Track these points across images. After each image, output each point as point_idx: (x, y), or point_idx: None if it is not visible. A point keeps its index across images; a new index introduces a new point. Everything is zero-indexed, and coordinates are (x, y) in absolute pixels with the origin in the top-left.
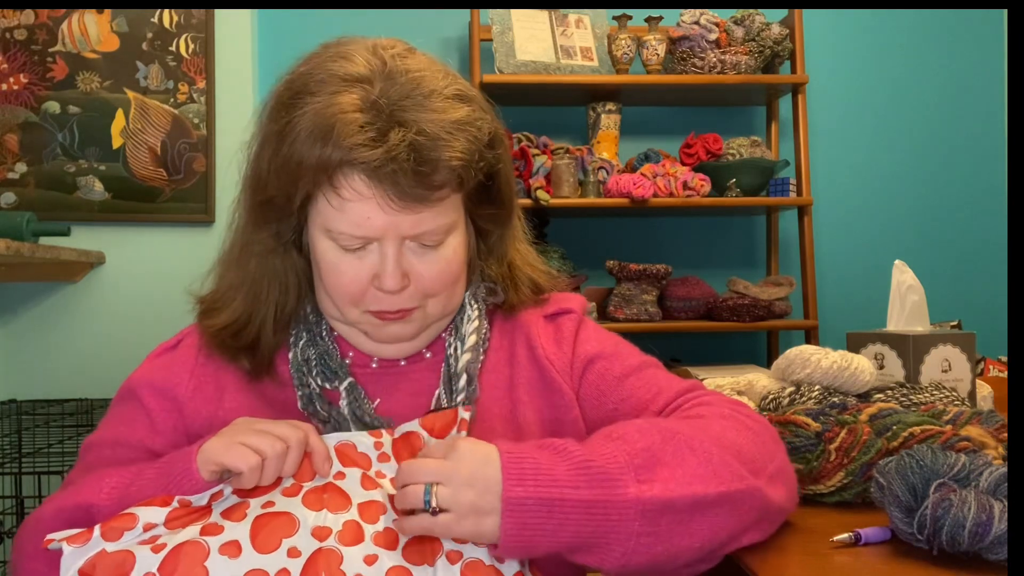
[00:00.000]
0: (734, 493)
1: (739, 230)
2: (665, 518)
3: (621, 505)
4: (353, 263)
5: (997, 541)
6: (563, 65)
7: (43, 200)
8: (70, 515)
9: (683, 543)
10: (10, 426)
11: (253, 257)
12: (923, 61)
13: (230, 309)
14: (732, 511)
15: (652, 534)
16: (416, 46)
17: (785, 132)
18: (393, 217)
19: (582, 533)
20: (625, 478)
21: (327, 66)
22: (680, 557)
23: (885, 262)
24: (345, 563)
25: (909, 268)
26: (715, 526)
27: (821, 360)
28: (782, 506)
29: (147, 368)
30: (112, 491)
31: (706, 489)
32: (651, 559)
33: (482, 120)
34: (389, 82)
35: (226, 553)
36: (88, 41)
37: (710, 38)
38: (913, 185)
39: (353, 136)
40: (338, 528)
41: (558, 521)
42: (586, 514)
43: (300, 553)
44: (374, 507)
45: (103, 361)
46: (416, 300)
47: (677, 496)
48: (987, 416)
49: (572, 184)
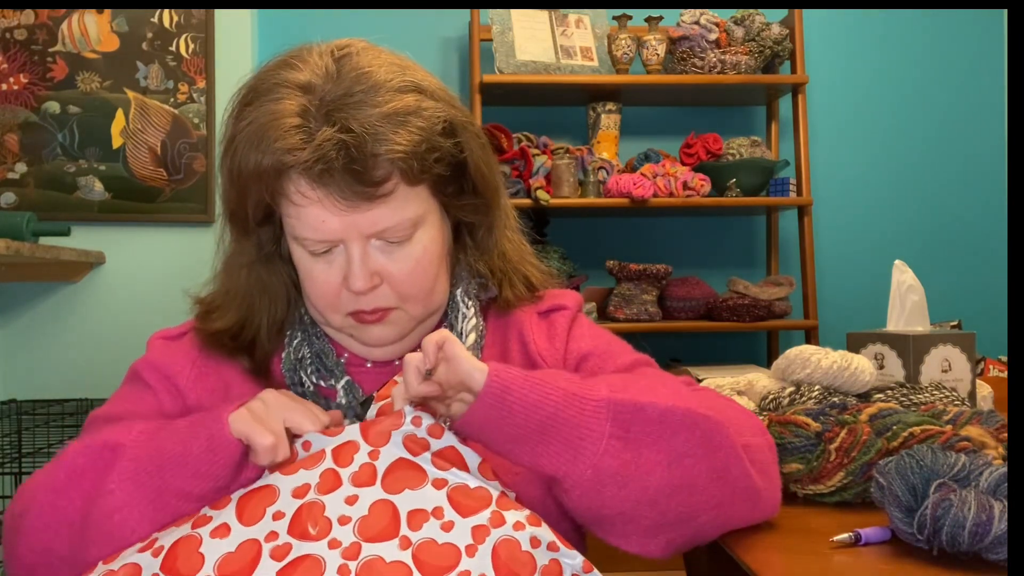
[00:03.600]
0: (701, 418)
1: (739, 230)
2: (635, 426)
3: (594, 402)
4: (324, 268)
5: (997, 541)
6: (563, 65)
7: (43, 200)
8: (96, 453)
9: (651, 456)
10: (10, 426)
11: (242, 268)
12: (923, 61)
13: (225, 317)
14: (702, 439)
15: (622, 438)
16: (416, 46)
17: (785, 132)
18: (346, 217)
19: (558, 418)
20: (600, 386)
21: (273, 74)
22: (651, 476)
23: (885, 262)
24: (328, 510)
25: (909, 268)
26: (684, 448)
27: (821, 360)
28: (756, 483)
29: (150, 351)
30: (141, 434)
31: (675, 403)
32: (620, 466)
33: (433, 109)
34: (332, 84)
35: (217, 536)
36: (88, 41)
37: (710, 38)
38: (913, 185)
39: (283, 140)
40: (316, 481)
41: (538, 395)
42: (564, 399)
43: (284, 514)
44: (346, 449)
45: (103, 361)
46: (392, 300)
47: (647, 402)
48: (987, 416)
49: (572, 184)
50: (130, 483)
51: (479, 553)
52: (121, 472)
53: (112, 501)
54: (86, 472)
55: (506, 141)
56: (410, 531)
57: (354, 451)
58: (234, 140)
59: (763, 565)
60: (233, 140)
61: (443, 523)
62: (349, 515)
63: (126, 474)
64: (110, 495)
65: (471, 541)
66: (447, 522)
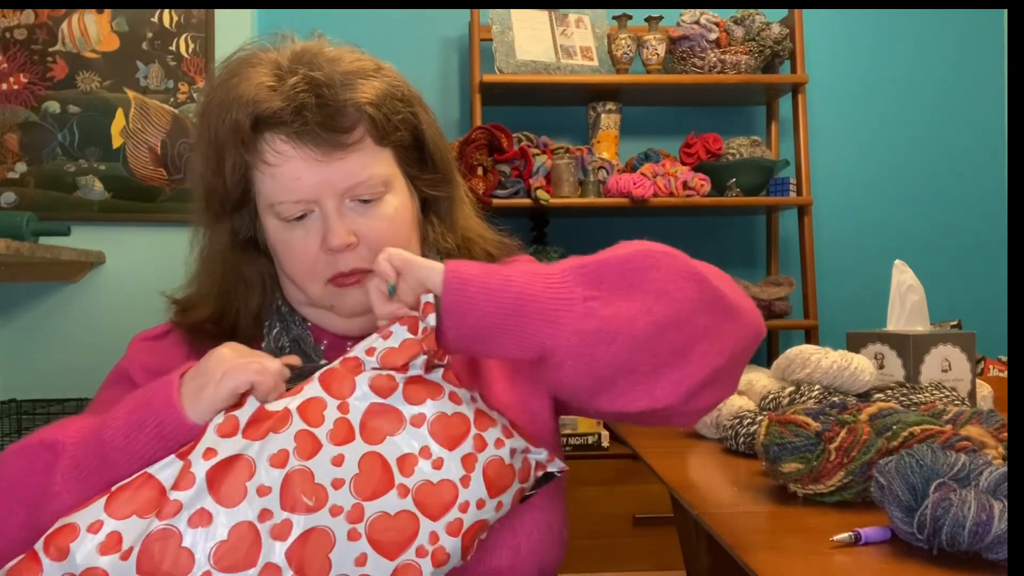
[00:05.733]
0: (660, 254)
1: (739, 230)
2: (605, 281)
3: (559, 273)
4: (300, 234)
5: (997, 541)
6: (563, 65)
7: (43, 200)
8: (33, 451)
9: (630, 305)
10: (10, 426)
11: (217, 260)
12: (923, 61)
13: (202, 309)
14: (669, 272)
15: (596, 297)
16: (416, 46)
17: (785, 132)
18: (320, 171)
19: (526, 295)
20: (561, 262)
21: (240, 59)
22: (635, 323)
23: (885, 262)
24: (318, 476)
25: (909, 268)
26: (656, 286)
27: (821, 360)
28: (733, 300)
29: (136, 353)
30: (80, 430)
31: (631, 249)
32: (602, 323)
33: (395, 80)
34: (297, 57)
35: (198, 524)
36: (88, 41)
37: (710, 38)
38: (913, 185)
39: (254, 93)
40: (292, 446)
41: (501, 280)
42: (526, 278)
43: (270, 489)
44: (313, 407)
45: (103, 361)
46: (369, 260)
47: (606, 257)
48: (987, 416)
49: (572, 184)
50: (76, 482)
51: (472, 481)
52: (64, 472)
53: (60, 503)
54: (25, 478)
55: (506, 141)
56: (404, 478)
57: (322, 408)
58: (207, 111)
59: (763, 565)
60: (206, 111)
61: (433, 461)
62: (342, 477)
63: (69, 472)
64: (56, 497)
65: (464, 472)
66: (437, 460)
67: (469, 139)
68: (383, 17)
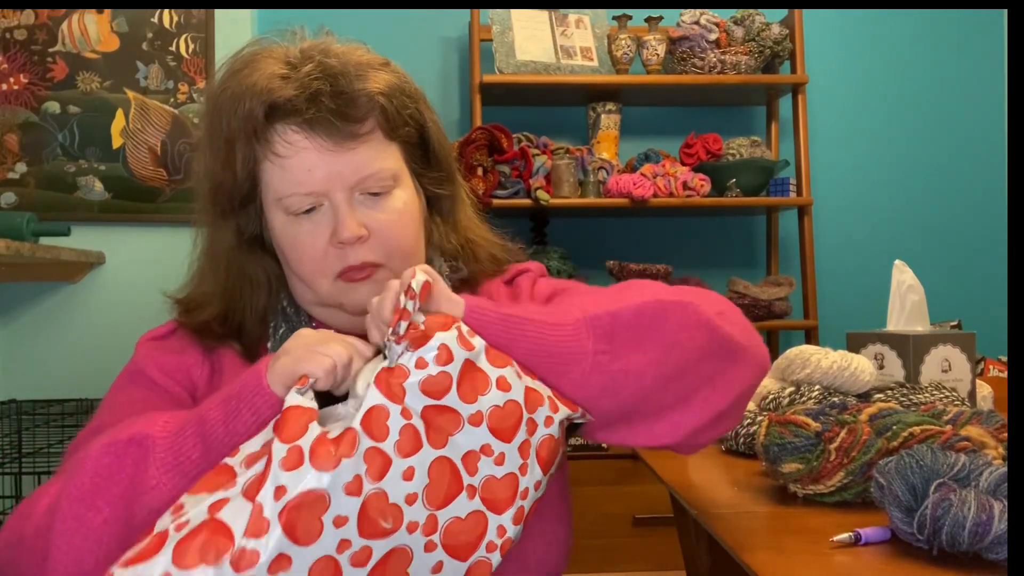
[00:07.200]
0: (671, 304)
1: (739, 230)
2: (617, 335)
3: (571, 324)
4: (308, 228)
5: (997, 541)
6: (563, 65)
7: (43, 200)
8: (121, 447)
9: (640, 359)
10: (10, 426)
11: (222, 260)
12: (923, 61)
13: (208, 309)
14: (679, 324)
15: (607, 352)
16: (416, 46)
17: (785, 132)
18: (332, 162)
19: (541, 346)
20: (571, 309)
21: (248, 51)
22: (643, 378)
23: (885, 262)
24: (392, 496)
25: (909, 268)
26: (666, 339)
27: (821, 360)
28: (740, 341)
29: (149, 351)
30: (167, 424)
31: (643, 300)
32: (609, 380)
33: (403, 75)
34: (305, 53)
35: (277, 571)
36: (88, 41)
37: (710, 38)
38: (913, 185)
39: (267, 82)
40: (363, 468)
41: (517, 330)
42: (541, 329)
43: (347, 519)
44: (376, 417)
45: (103, 361)
46: (379, 254)
47: (618, 308)
48: (987, 416)
49: (572, 184)
50: (173, 473)
51: (529, 467)
52: (160, 464)
53: (157, 496)
54: (113, 474)
55: (506, 141)
56: (470, 477)
57: (385, 417)
58: (218, 103)
59: (763, 565)
60: (217, 103)
61: (495, 458)
62: (414, 491)
63: (166, 465)
64: (153, 491)
65: (522, 461)
66: (499, 456)
67: (469, 139)
68: (383, 17)
